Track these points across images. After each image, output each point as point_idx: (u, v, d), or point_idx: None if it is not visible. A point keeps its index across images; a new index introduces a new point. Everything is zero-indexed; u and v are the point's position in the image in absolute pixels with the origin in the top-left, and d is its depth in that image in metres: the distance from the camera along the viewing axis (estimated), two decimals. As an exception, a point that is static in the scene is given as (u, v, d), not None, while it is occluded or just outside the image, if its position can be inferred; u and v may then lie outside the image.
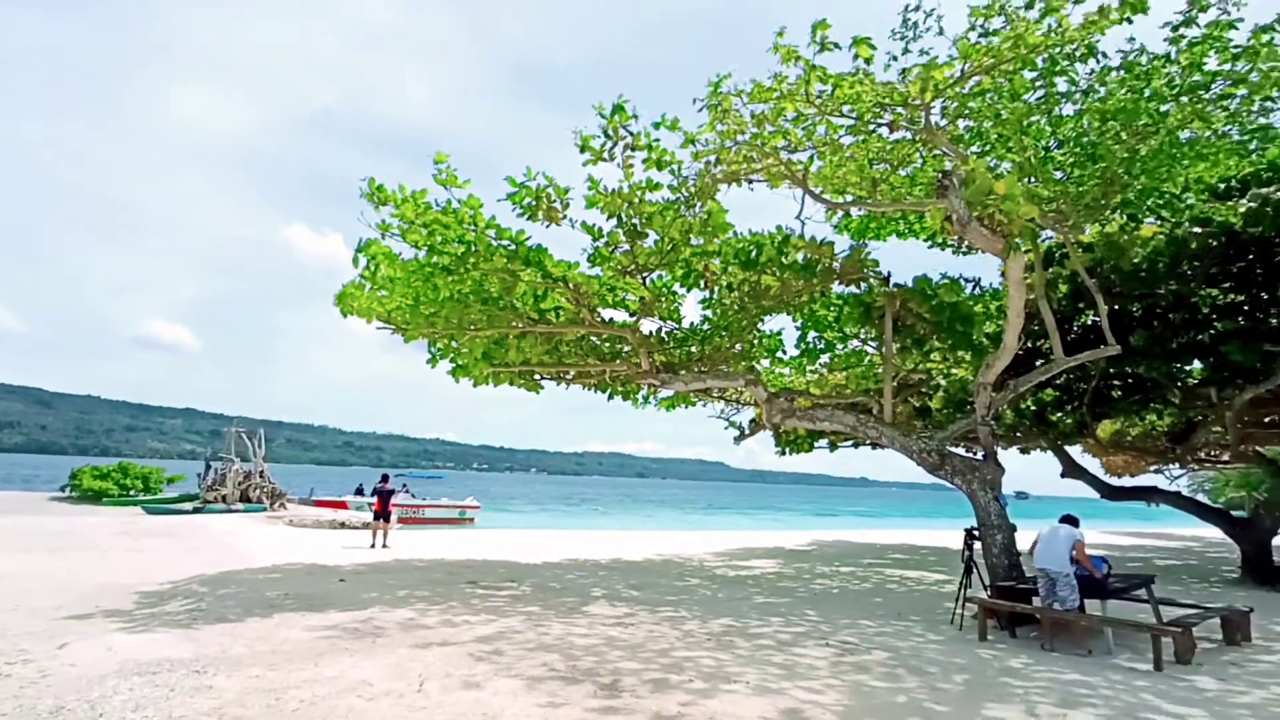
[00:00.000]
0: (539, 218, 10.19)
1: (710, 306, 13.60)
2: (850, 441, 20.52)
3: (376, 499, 17.45)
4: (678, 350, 14.04)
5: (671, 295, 12.98)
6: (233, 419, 29.96)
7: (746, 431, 18.04)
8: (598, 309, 12.47)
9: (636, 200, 10.50)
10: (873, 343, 14.82)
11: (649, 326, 13.58)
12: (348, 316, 11.03)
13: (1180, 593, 12.25)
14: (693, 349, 13.98)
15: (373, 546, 16.68)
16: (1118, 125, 9.59)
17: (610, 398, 15.85)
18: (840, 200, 11.43)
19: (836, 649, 7.67)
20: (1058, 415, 18.10)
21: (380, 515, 17.16)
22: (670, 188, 10.58)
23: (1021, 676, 6.73)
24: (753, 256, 12.38)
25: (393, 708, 5.23)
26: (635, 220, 10.87)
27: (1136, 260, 12.67)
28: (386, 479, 17.92)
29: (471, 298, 11.41)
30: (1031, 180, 10.70)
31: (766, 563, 16.88)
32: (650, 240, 11.29)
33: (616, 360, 13.68)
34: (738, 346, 14.20)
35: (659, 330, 13.80)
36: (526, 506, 57.34)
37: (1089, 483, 19.08)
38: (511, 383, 14.25)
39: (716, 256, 12.45)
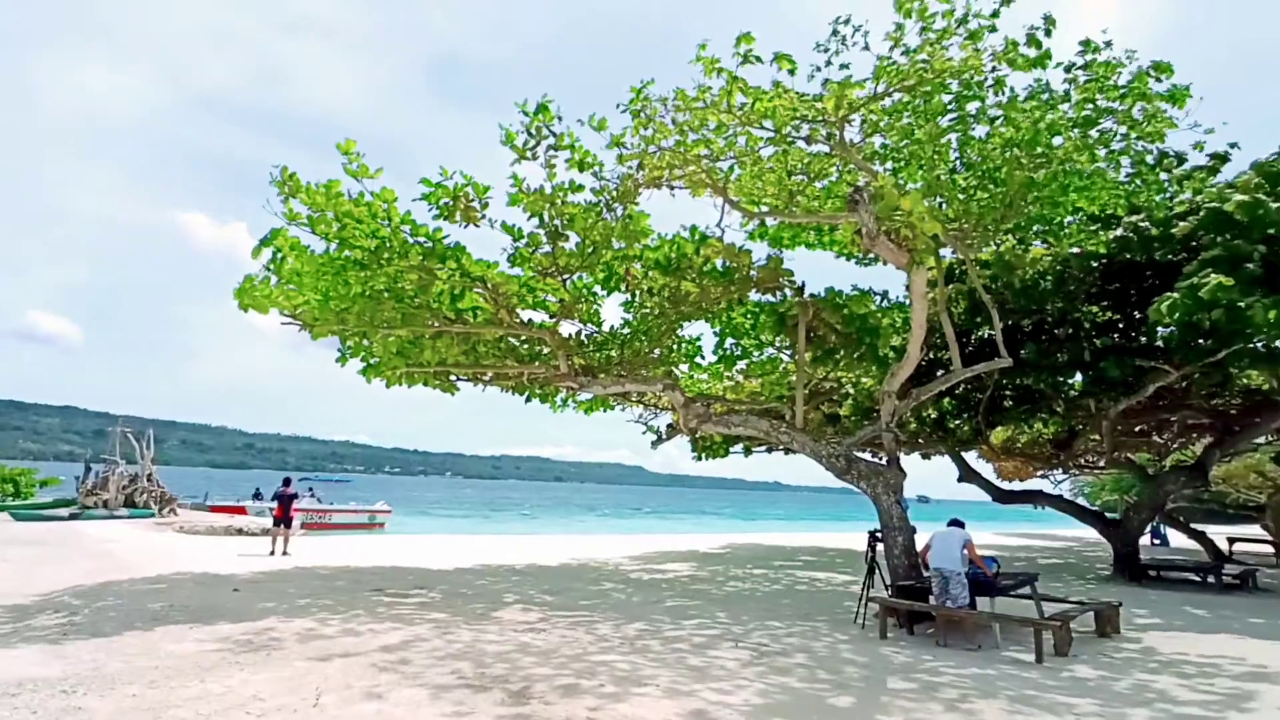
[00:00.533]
0: (456, 218, 9.96)
1: (631, 309, 13.66)
2: (764, 447, 21.02)
3: (277, 504, 16.60)
4: (597, 353, 14.02)
5: (592, 297, 12.96)
6: (118, 418, 27.76)
7: (664, 436, 18.21)
8: (517, 310, 12.31)
9: (559, 201, 10.43)
10: (787, 351, 15.24)
11: (569, 329, 13.53)
12: (248, 311, 10.44)
13: (1061, 589, 13.14)
14: (612, 353, 14.00)
15: (272, 554, 15.84)
16: (1018, 153, 10.24)
17: (528, 400, 15.67)
18: (758, 210, 11.69)
19: (747, 650, 7.81)
20: (956, 423, 19.14)
21: (281, 521, 16.32)
22: (593, 190, 10.57)
23: (917, 672, 7.04)
24: (673, 261, 12.53)
25: (286, 723, 4.96)
26: (557, 221, 10.80)
27: (1026, 279, 13.55)
28: (289, 483, 17.07)
29: (385, 295, 11.04)
30: (938, 199, 11.29)
31: (681, 566, 17.06)
32: (572, 242, 11.24)
33: (535, 362, 13.53)
34: (657, 351, 14.32)
35: (579, 333, 13.75)
36: (440, 511, 55.91)
37: (982, 486, 20.25)
38: (426, 383, 13.86)
39: (638, 260, 12.53)
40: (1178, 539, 28.93)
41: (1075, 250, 13.31)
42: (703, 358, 15.41)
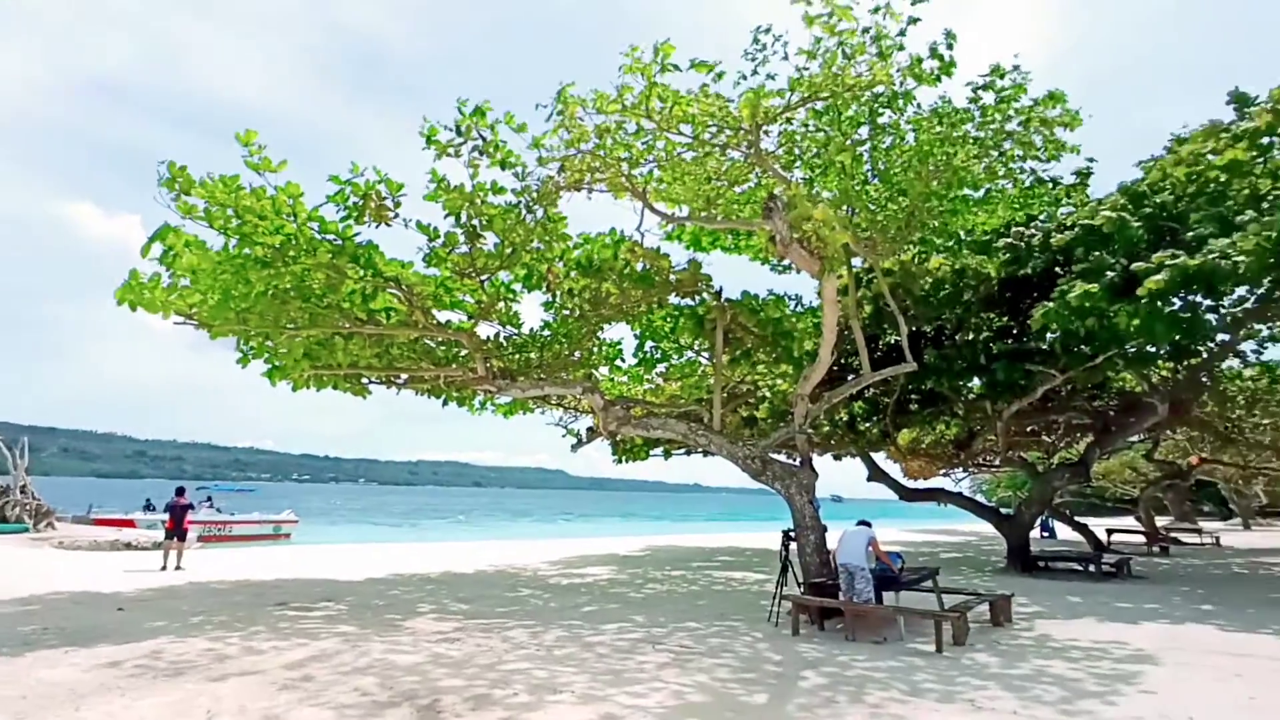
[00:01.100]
0: (365, 219, 9.61)
1: (551, 309, 13.54)
2: (684, 449, 21.26)
3: (169, 515, 15.56)
4: (516, 356, 13.82)
5: (511, 295, 12.77)
6: (-14, 424, 25.33)
7: (584, 439, 18.11)
8: (432, 311, 11.98)
9: (479, 201, 10.23)
10: (705, 354, 15.48)
11: (487, 331, 13.29)
12: (135, 310, 9.73)
13: (960, 581, 13.86)
14: (532, 355, 13.84)
15: (164, 569, 14.84)
16: (921, 167, 10.76)
17: (445, 404, 15.28)
18: (676, 214, 11.82)
19: (663, 652, 7.85)
20: (866, 425, 19.93)
21: (173, 533, 15.30)
22: (514, 191, 10.43)
23: (826, 666, 7.27)
24: (594, 263, 12.51)
25: (172, 751, 4.64)
26: (476, 221, 10.59)
27: (925, 288, 14.27)
28: (182, 492, 16.02)
29: (291, 294, 10.51)
30: (849, 209, 11.72)
31: (601, 569, 17.03)
32: (490, 242, 11.04)
33: (452, 365, 13.20)
34: (577, 354, 14.26)
35: (497, 335, 13.53)
36: (351, 519, 53.84)
37: (890, 485, 21.15)
38: (336, 386, 13.27)
39: (560, 259, 12.45)
40: (1064, 531, 31.05)
41: (971, 261, 14.12)
42: (623, 360, 15.46)
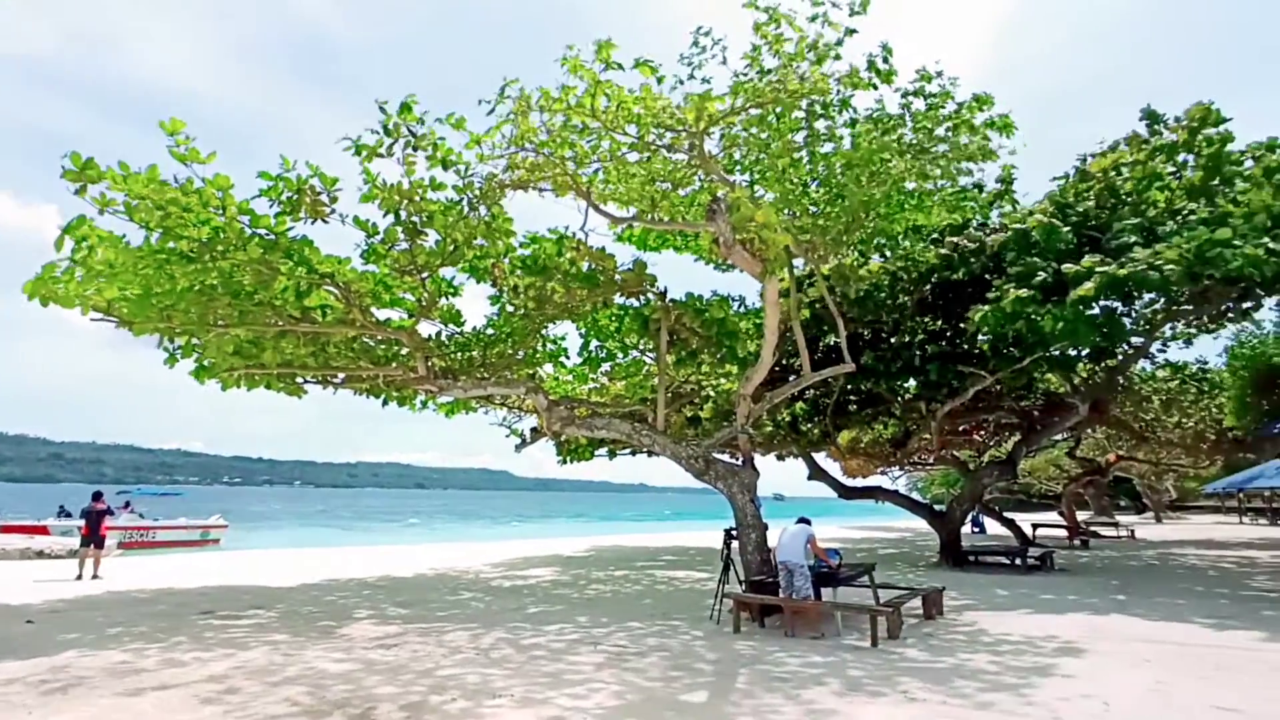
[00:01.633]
0: (300, 214, 9.29)
1: (497, 303, 13.35)
2: (628, 449, 21.28)
3: (85, 521, 14.74)
4: (459, 355, 13.59)
5: (453, 290, 12.55)
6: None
7: (528, 440, 17.97)
8: (371, 309, 11.67)
9: (417, 198, 10.01)
10: (650, 354, 15.53)
11: (428, 329, 13.02)
12: (47, 305, 9.18)
13: (896, 577, 14.27)
14: (475, 354, 13.63)
15: (79, 578, 14.06)
16: (859, 172, 11.03)
17: (385, 403, 14.90)
18: (621, 213, 11.82)
19: (605, 653, 7.84)
20: (807, 425, 20.34)
21: (89, 540, 14.51)
22: (455, 188, 10.24)
23: (766, 663, 7.37)
24: (539, 261, 12.40)
25: (82, 772, 4.38)
26: (415, 218, 10.36)
27: (861, 291, 14.66)
28: (99, 497, 15.19)
29: (218, 290, 10.06)
30: (790, 212, 11.93)
31: (544, 571, 16.90)
32: (431, 239, 10.82)
33: (392, 364, 12.88)
34: (521, 353, 14.10)
35: (439, 333, 13.28)
36: (286, 523, 52.08)
37: (829, 484, 21.63)
38: (269, 386, 12.78)
39: (505, 257, 12.29)
40: (994, 527, 32.34)
41: (905, 264, 14.57)
42: (568, 359, 15.37)
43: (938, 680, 6.66)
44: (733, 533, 10.74)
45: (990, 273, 14.04)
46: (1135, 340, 16.07)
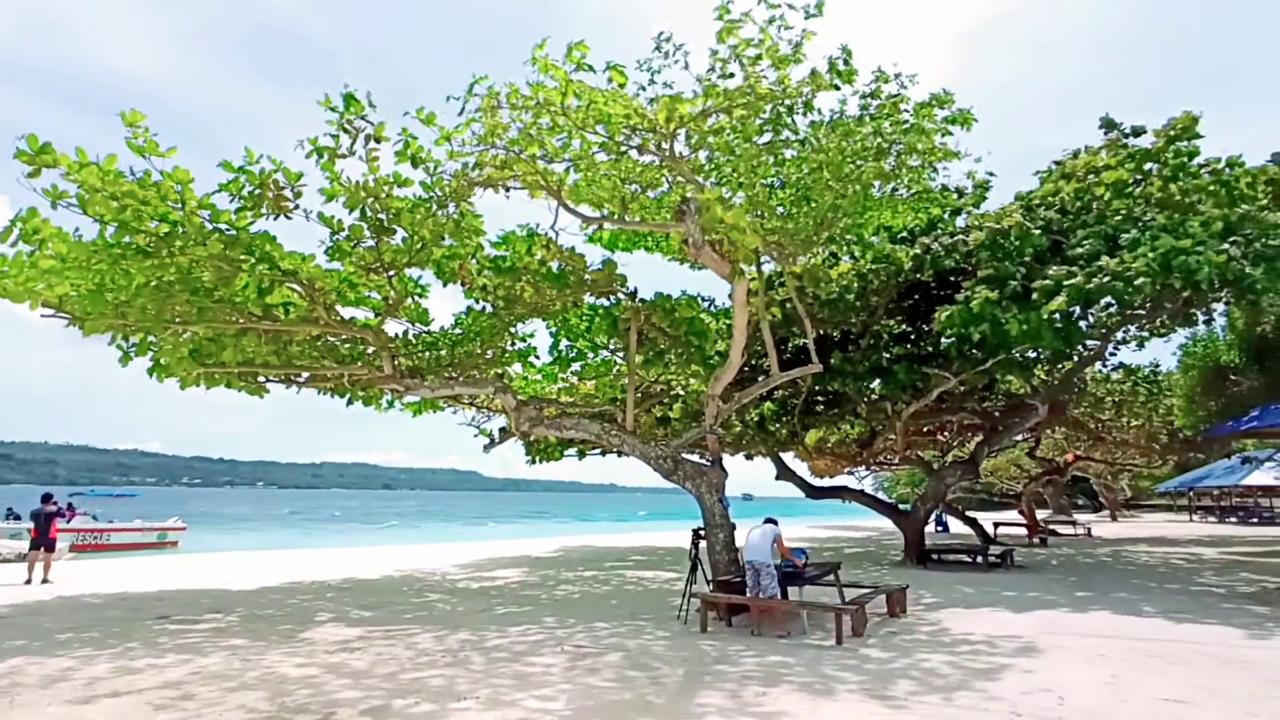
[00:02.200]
0: (263, 210, 9.09)
1: (469, 295, 13.21)
2: (598, 449, 21.25)
3: (34, 524, 14.26)
4: (426, 354, 13.43)
5: (421, 291, 12.40)
6: None
7: (497, 440, 17.83)
8: (335, 307, 11.47)
9: (383, 194, 9.86)
10: (620, 354, 15.52)
11: (395, 328, 12.84)
12: (-6, 299, 8.86)
13: (861, 576, 14.45)
14: (442, 353, 13.48)
15: (28, 582, 13.61)
16: (826, 174, 11.14)
17: (350, 403, 14.66)
18: (592, 214, 11.80)
19: (571, 654, 7.81)
20: (776, 425, 20.51)
21: (39, 543, 14.04)
22: (423, 185, 10.11)
23: (732, 662, 7.42)
24: (509, 261, 12.31)
25: (27, 784, 4.24)
26: (381, 215, 10.21)
27: (831, 293, 14.83)
28: (49, 499, 14.71)
29: (176, 287, 9.80)
30: (759, 214, 12.01)
31: (511, 572, 16.79)
32: (398, 237, 10.68)
33: (357, 363, 12.68)
34: (490, 352, 13.99)
35: (406, 332, 13.11)
36: (247, 525, 50.99)
37: (797, 484, 21.84)
38: (229, 385, 12.51)
39: (473, 257, 12.17)
40: (957, 525, 32.98)
41: (876, 266, 14.77)
42: (537, 358, 15.29)
43: (900, 677, 6.76)
44: (701, 532, 10.78)
45: (959, 274, 14.30)
46: (1091, 343, 16.53)
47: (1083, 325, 13.81)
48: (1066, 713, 5.65)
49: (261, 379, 12.68)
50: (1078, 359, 17.32)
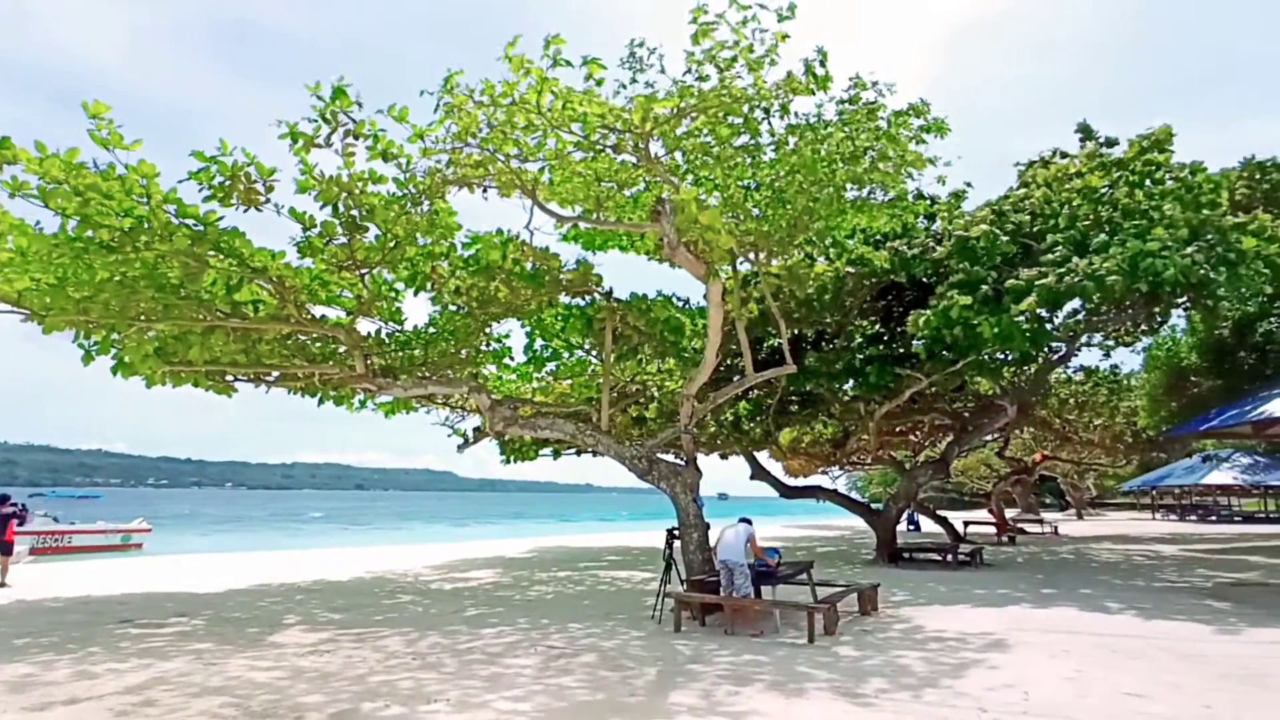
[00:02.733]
0: (233, 201, 8.92)
1: (439, 303, 13.10)
2: (573, 449, 21.18)
3: (-9, 526, 13.86)
4: (399, 353, 13.28)
5: (394, 292, 12.26)
6: None
7: (470, 439, 17.71)
8: (306, 305, 11.30)
9: (357, 190, 9.73)
10: (595, 353, 15.49)
11: (367, 327, 12.69)
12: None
13: (833, 575, 14.59)
14: (416, 352, 13.34)
15: (-16, 587, 13.21)
16: (801, 177, 11.22)
17: (321, 403, 14.45)
18: (566, 213, 11.76)
19: (543, 654, 7.78)
20: (750, 425, 20.61)
21: (-4, 546, 13.65)
22: (397, 181, 9.99)
23: (705, 661, 7.44)
24: (482, 263, 12.22)
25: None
26: (355, 212, 10.07)
27: (810, 292, 14.95)
28: (6, 500, 14.30)
29: (141, 283, 9.58)
30: (734, 215, 12.05)
31: (485, 573, 16.68)
32: (371, 234, 10.55)
33: (329, 362, 12.51)
34: (464, 352, 13.88)
35: (378, 331, 12.95)
36: (214, 527, 50.05)
37: (771, 483, 21.98)
38: (196, 384, 12.25)
39: (445, 259, 12.07)
40: (928, 524, 33.41)
41: (852, 269, 14.91)
42: (512, 358, 15.20)
43: (871, 675, 6.83)
44: (675, 532, 10.81)
45: (932, 277, 14.49)
46: (1058, 345, 16.85)
47: (1050, 329, 14.07)
48: (1031, 707, 5.75)
49: (230, 378, 12.45)
50: (1044, 361, 17.65)
